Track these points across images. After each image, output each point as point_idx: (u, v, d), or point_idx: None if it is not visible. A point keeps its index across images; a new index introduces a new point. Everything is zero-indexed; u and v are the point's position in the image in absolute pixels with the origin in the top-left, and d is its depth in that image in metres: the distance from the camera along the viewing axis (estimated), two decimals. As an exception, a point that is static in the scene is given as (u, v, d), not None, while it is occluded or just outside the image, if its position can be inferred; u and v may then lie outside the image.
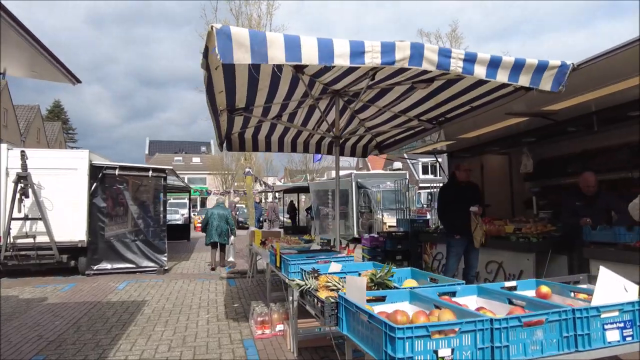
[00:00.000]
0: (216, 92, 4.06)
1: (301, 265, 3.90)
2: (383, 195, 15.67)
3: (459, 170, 5.50)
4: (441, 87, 4.53)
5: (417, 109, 5.28)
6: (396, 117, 5.65)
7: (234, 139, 6.68)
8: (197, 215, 26.76)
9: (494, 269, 6.32)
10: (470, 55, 3.16)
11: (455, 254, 5.36)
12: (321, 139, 7.13)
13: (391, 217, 11.72)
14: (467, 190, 5.55)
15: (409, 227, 8.68)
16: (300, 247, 5.38)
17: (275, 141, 7.04)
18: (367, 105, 5.45)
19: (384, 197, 15.68)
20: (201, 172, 46.63)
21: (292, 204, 23.23)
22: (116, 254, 8.92)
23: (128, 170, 9.11)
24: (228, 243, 9.55)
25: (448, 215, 5.43)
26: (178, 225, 19.08)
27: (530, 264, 5.75)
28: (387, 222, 11.54)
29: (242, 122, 5.80)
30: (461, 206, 5.39)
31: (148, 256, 9.02)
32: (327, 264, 3.99)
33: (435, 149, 8.91)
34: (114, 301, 6.31)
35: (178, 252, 13.20)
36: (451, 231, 5.35)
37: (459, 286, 2.54)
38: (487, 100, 4.62)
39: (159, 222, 9.41)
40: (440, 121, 5.52)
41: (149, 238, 9.15)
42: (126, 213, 9.89)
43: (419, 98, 4.93)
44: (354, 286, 2.05)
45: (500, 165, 9.40)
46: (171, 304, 6.06)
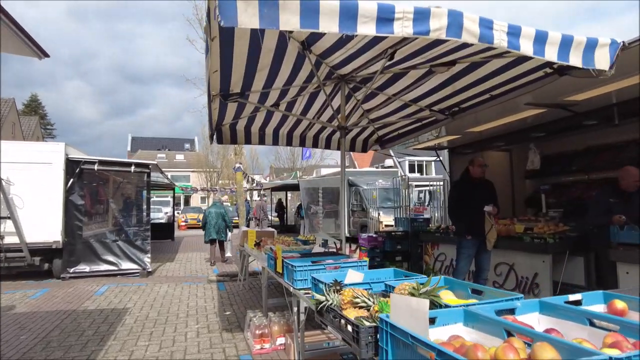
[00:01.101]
0: (210, 71, 3.52)
1: (309, 271, 3.40)
2: (379, 194, 15.26)
3: (473, 165, 5.06)
4: (460, 74, 4.09)
5: (430, 97, 4.83)
6: (406, 106, 5.18)
7: (224, 130, 6.12)
8: (182, 213, 25.95)
9: (504, 271, 5.92)
10: (514, 28, 2.68)
11: (467, 255, 4.93)
12: (319, 132, 6.63)
13: (387, 215, 11.30)
14: (481, 188, 5.14)
15: (408, 227, 8.25)
16: (300, 249, 4.87)
17: (269, 134, 6.50)
18: (375, 93, 4.96)
19: (379, 195, 15.27)
20: (185, 170, 45.70)
21: (280, 202, 22.64)
22: (95, 255, 8.24)
23: (108, 165, 8.43)
24: (226, 239, 10.06)
25: (460, 214, 4.99)
26: (161, 224, 18.31)
27: (546, 266, 5.37)
28: (383, 221, 11.11)
29: (235, 111, 5.25)
30: (474, 205, 4.97)
31: (130, 257, 8.37)
32: (339, 271, 3.50)
33: (437, 144, 8.51)
34: (91, 309, 5.68)
35: (162, 253, 12.52)
36: (463, 231, 4.91)
37: (517, 301, 2.07)
38: (510, 88, 4.19)
39: (142, 220, 8.76)
40: (454, 112, 5.08)
41: (131, 238, 8.50)
42: (106, 211, 9.22)
43: (434, 85, 4.48)
44: (406, 308, 1.56)
45: (500, 162, 9.06)
46: (156, 312, 5.47)
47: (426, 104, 5.06)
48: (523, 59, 3.55)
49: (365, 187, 15.52)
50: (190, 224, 25.57)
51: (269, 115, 5.77)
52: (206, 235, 9.83)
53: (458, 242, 5.02)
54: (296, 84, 4.51)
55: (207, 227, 9.75)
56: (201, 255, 12.21)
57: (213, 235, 9.74)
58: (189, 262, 10.60)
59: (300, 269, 3.40)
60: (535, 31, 2.75)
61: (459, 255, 4.95)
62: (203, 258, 11.58)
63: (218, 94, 4.27)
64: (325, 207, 16.84)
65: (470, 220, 4.89)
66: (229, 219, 10.04)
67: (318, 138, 6.82)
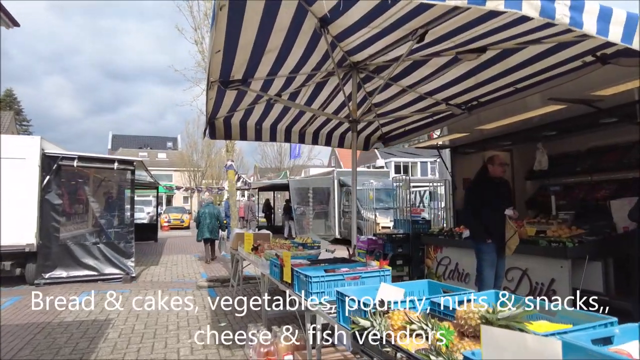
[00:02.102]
0: (213, 51, 3.05)
1: (325, 283, 2.95)
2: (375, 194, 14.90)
3: (492, 164, 4.69)
4: (487, 63, 3.72)
5: (448, 90, 4.45)
6: (420, 99, 4.79)
7: (218, 124, 5.63)
8: (164, 213, 25.13)
9: (516, 276, 5.59)
10: (577, 2, 2.29)
11: (490, 261, 4.55)
12: (320, 127, 6.19)
13: (384, 217, 10.95)
14: (500, 188, 4.77)
15: (409, 229, 7.89)
16: (305, 254, 4.43)
17: (267, 128, 6.03)
18: (388, 84, 4.54)
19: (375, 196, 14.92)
20: (167, 169, 44.62)
21: (267, 202, 22.08)
22: (73, 259, 7.59)
23: (89, 162, 7.79)
24: (218, 238, 10.64)
25: (479, 217, 4.61)
26: (144, 224, 17.56)
27: (564, 271, 5.05)
28: (380, 222, 10.73)
29: (232, 102, 4.76)
30: (495, 207, 4.61)
31: (112, 261, 7.75)
32: (360, 282, 3.07)
33: (439, 143, 8.17)
34: (68, 321, 5.09)
35: (145, 255, 11.87)
36: (483, 235, 4.53)
37: (614, 327, 1.67)
38: (540, 80, 3.84)
39: (125, 221, 8.16)
40: (472, 106, 4.71)
41: (113, 240, 7.88)
42: (86, 211, 8.58)
43: (455, 76, 4.10)
44: (515, 348, 1.13)
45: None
46: (142, 324, 4.92)
47: (443, 97, 4.68)
48: (563, 45, 3.20)
49: (357, 188, 15.11)
50: (173, 225, 24.80)
51: (267, 108, 5.30)
52: (199, 234, 10.17)
53: (477, 247, 4.63)
54: (304, 71, 4.06)
55: (201, 227, 10.05)
56: (187, 257, 11.63)
57: (207, 235, 10.06)
58: (175, 266, 10.01)
59: (317, 279, 2.95)
60: (600, 7, 2.36)
61: (482, 262, 4.56)
62: (189, 260, 11.01)
63: (217, 81, 3.78)
64: (315, 208, 16.40)
65: (490, 224, 4.52)
66: (222, 219, 10.57)
67: (319, 134, 6.37)
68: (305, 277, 3.02)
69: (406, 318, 1.75)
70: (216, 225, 10.22)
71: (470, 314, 1.68)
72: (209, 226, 10.01)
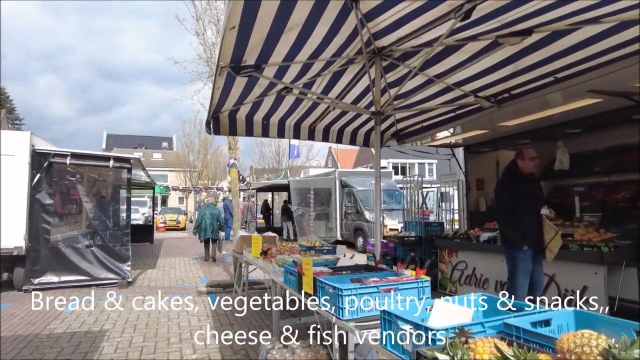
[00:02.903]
0: (227, 28, 2.64)
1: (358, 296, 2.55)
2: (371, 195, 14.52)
3: (522, 158, 4.29)
4: (528, 50, 3.33)
5: (479, 80, 4.06)
6: (447, 91, 4.39)
7: (222, 119, 5.20)
8: (160, 214, 24.60)
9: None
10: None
11: (525, 270, 4.15)
12: (331, 123, 5.79)
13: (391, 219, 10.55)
14: (533, 186, 4.39)
15: (422, 231, 7.51)
16: (322, 260, 4.02)
17: (274, 124, 5.61)
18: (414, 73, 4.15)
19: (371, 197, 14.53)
20: (162, 169, 44.10)
21: (266, 203, 21.63)
22: (65, 263, 7.11)
23: (83, 159, 7.33)
24: (218, 238, 11.14)
25: (513, 219, 4.20)
26: (139, 225, 17.06)
27: (599, 278, 4.70)
28: (388, 224, 10.33)
29: (240, 93, 4.33)
30: (529, 207, 4.22)
31: (107, 266, 7.28)
32: (397, 294, 2.67)
33: (452, 142, 7.80)
34: (58, 333, 4.64)
35: (141, 258, 11.40)
36: (518, 240, 4.13)
37: None
38: (588, 68, 3.46)
39: (121, 223, 7.70)
40: (502, 99, 4.33)
41: (108, 243, 7.41)
42: (79, 212, 8.11)
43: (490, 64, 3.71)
44: None
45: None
46: (141, 336, 4.48)
47: (471, 89, 4.29)
48: (624, 25, 2.82)
49: (359, 189, 14.75)
50: (169, 226, 24.30)
51: (277, 101, 4.88)
52: (202, 234, 10.58)
53: (510, 253, 4.23)
54: (323, 57, 3.65)
55: (202, 227, 10.48)
56: (185, 260, 11.18)
57: (208, 235, 10.54)
58: (173, 269, 9.56)
59: (348, 292, 2.55)
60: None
61: (515, 270, 4.15)
62: (187, 263, 10.57)
63: (227, 66, 3.36)
64: (316, 209, 16.00)
65: (526, 226, 4.12)
66: (222, 219, 11.19)
67: (329, 130, 5.97)
68: (334, 290, 2.61)
69: (495, 351, 1.34)
70: (216, 225, 10.67)
71: (584, 348, 1.28)
72: (211, 227, 10.46)
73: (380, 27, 3.24)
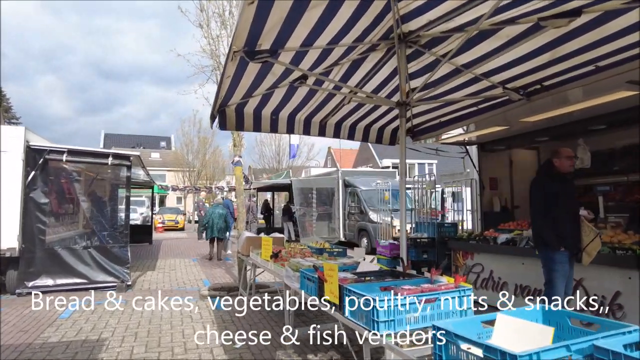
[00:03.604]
0: (246, 1, 2.33)
1: (395, 308, 2.24)
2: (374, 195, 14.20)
3: (559, 157, 4.00)
4: (576, 31, 3.03)
5: (511, 70, 3.77)
6: (473, 82, 4.09)
7: (229, 113, 4.89)
8: (158, 214, 24.22)
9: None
10: None
11: (563, 273, 3.88)
12: (343, 119, 5.49)
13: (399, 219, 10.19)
14: (570, 186, 4.11)
15: (434, 233, 7.19)
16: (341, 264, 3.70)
17: (283, 118, 5.31)
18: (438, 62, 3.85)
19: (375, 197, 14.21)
20: (160, 169, 43.68)
21: (266, 203, 21.28)
22: (61, 265, 6.76)
23: (80, 156, 6.98)
24: (225, 237, 11.39)
25: (549, 220, 3.92)
26: (137, 226, 16.70)
27: (633, 284, 4.38)
28: (396, 225, 10.02)
29: (251, 83, 4.02)
30: (565, 207, 3.93)
31: (105, 268, 6.93)
32: (436, 304, 2.36)
33: (466, 139, 7.49)
34: (53, 342, 4.29)
35: (141, 259, 11.05)
36: (555, 242, 3.85)
37: None
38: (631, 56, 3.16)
39: (120, 223, 7.36)
40: (533, 91, 4.03)
41: (106, 244, 7.07)
42: (76, 212, 7.76)
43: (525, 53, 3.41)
44: None
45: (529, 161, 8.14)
46: (143, 346, 4.13)
47: (500, 80, 3.99)
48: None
49: (363, 188, 14.44)
50: (167, 226, 23.94)
51: (289, 93, 4.57)
52: (209, 233, 10.85)
53: (548, 256, 3.95)
54: (344, 42, 3.35)
55: (210, 226, 10.77)
56: (185, 261, 10.84)
57: (215, 234, 10.83)
58: (174, 271, 9.21)
59: (382, 303, 2.23)
60: None
61: (553, 273, 3.87)
62: (188, 264, 10.23)
63: (241, 50, 3.05)
64: (319, 209, 15.67)
65: (564, 228, 3.84)
66: (230, 219, 11.43)
67: (341, 126, 5.67)
68: (370, 301, 2.29)
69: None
70: (223, 225, 10.90)
71: None
72: (217, 226, 10.71)
73: (411, 7, 2.93)
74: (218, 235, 10.90)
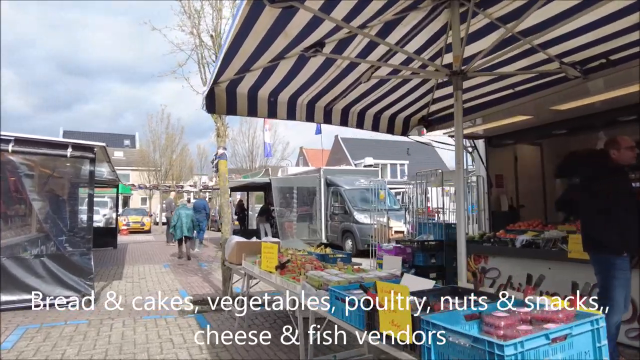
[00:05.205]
0: None
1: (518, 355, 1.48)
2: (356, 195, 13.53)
3: (618, 148, 3.38)
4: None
5: (573, 41, 3.14)
6: (527, 55, 3.40)
7: (218, 92, 4.05)
8: (123, 216, 22.59)
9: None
10: None
11: (624, 281, 3.25)
12: (352, 104, 4.73)
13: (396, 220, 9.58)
14: (628, 181, 3.50)
15: (442, 235, 6.55)
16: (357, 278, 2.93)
17: (283, 102, 4.50)
18: (493, 27, 3.14)
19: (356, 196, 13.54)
20: (124, 168, 41.51)
21: (241, 203, 20.18)
22: (5, 278, 5.59)
23: (32, 146, 5.80)
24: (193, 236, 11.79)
25: (607, 220, 3.28)
26: (100, 228, 15.28)
27: None
28: (393, 226, 9.34)
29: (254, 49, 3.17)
30: (627, 205, 3.31)
31: (62, 280, 5.79)
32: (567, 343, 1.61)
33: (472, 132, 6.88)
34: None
35: (105, 266, 9.86)
36: (616, 245, 3.22)
37: None
38: None
39: (81, 226, 6.25)
40: (594, 67, 3.40)
41: (64, 252, 5.93)
42: (27, 214, 6.59)
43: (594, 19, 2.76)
44: None
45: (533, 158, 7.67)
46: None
47: (557, 53, 3.33)
48: None
49: (347, 188, 13.73)
50: (132, 228, 22.41)
51: (294, 69, 3.78)
52: (178, 233, 11.05)
53: (604, 261, 3.31)
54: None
55: (179, 226, 10.95)
56: (156, 268, 9.74)
57: (185, 233, 11.04)
58: (143, 279, 8.13)
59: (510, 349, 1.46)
60: None
61: (612, 281, 3.23)
62: (159, 271, 9.14)
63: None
64: (299, 210, 14.82)
65: (626, 228, 3.22)
66: (196, 219, 11.88)
67: (349, 112, 4.91)
68: (475, 342, 1.51)
69: None
70: (191, 224, 11.17)
71: None
72: (186, 226, 10.96)
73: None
74: (188, 234, 11.13)
